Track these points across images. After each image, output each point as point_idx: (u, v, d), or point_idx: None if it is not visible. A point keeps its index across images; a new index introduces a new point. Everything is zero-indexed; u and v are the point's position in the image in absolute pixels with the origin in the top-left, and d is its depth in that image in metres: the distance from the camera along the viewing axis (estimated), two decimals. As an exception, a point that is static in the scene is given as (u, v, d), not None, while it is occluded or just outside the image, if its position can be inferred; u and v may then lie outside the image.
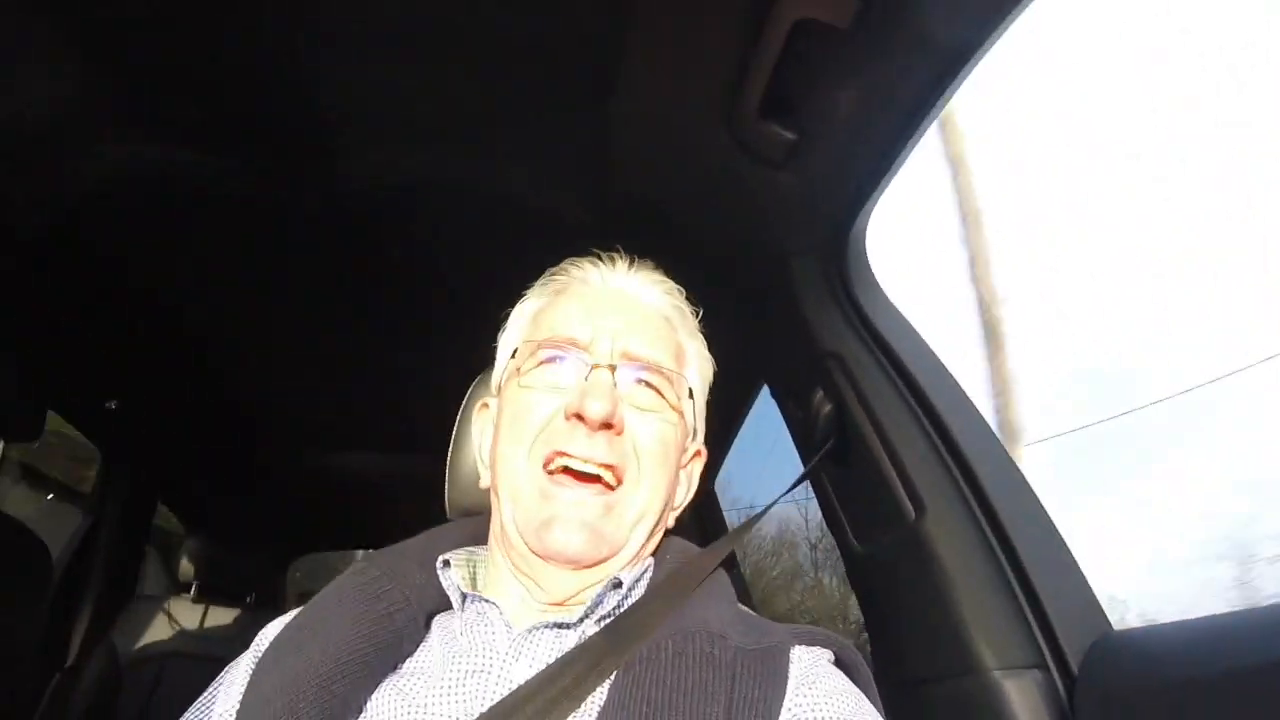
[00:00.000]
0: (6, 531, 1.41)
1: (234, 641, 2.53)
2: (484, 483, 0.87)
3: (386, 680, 0.74)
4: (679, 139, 1.20)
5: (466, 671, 0.72)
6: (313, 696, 0.68)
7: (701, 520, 2.42)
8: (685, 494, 0.91)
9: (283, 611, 2.50)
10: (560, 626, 0.75)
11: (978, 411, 1.18)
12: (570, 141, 1.23)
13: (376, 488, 2.71)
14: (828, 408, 1.28)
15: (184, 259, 1.57)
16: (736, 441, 2.30)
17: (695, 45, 1.04)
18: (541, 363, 0.82)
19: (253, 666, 0.78)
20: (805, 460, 1.42)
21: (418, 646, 0.78)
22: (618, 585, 0.78)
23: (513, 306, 0.95)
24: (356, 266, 1.58)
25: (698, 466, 0.93)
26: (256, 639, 0.84)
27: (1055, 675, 0.98)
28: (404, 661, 0.76)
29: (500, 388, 0.89)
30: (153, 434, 2.41)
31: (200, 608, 2.64)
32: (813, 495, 1.39)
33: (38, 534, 1.52)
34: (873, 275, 1.29)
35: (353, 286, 1.65)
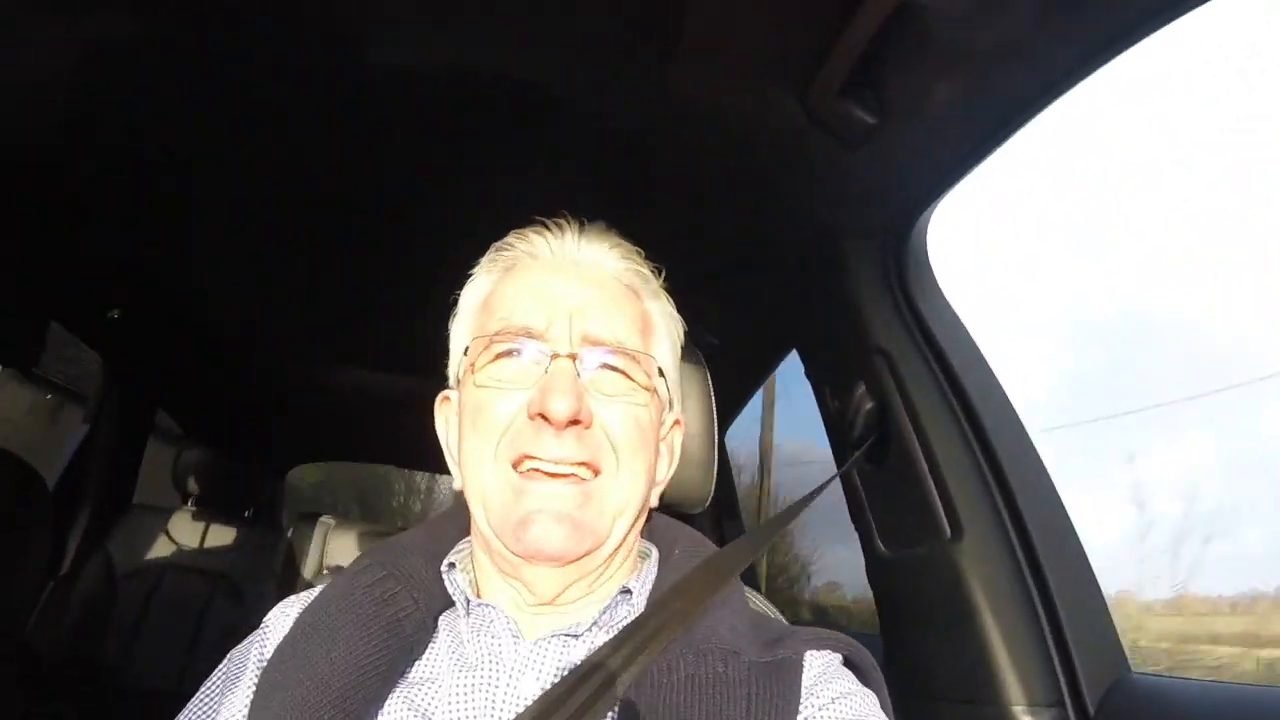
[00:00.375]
0: (4, 465, 1.36)
1: (231, 555, 2.57)
2: (456, 484, 0.82)
3: (396, 689, 0.71)
4: (749, 99, 1.10)
5: (474, 685, 0.70)
6: (329, 715, 0.65)
7: (716, 489, 2.40)
8: (668, 468, 0.86)
9: (281, 528, 2.49)
10: (569, 637, 0.72)
11: (1026, 433, 1.14)
12: (629, 60, 1.10)
13: (374, 403, 2.67)
14: (869, 405, 1.23)
15: (182, 160, 1.48)
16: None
17: (784, 10, 0.94)
18: (497, 356, 0.76)
19: (260, 664, 0.75)
20: (836, 449, 1.38)
21: (425, 649, 0.75)
22: (627, 592, 0.75)
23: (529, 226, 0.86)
24: (368, 173, 1.49)
25: (677, 436, 0.87)
26: (261, 628, 0.80)
27: (1071, 715, 0.97)
28: (412, 667, 0.74)
29: (459, 382, 0.82)
30: (154, 344, 2.36)
31: (198, 520, 2.65)
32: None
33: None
34: (932, 272, 1.23)
35: (364, 195, 1.56)
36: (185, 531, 2.58)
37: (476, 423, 0.74)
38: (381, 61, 1.16)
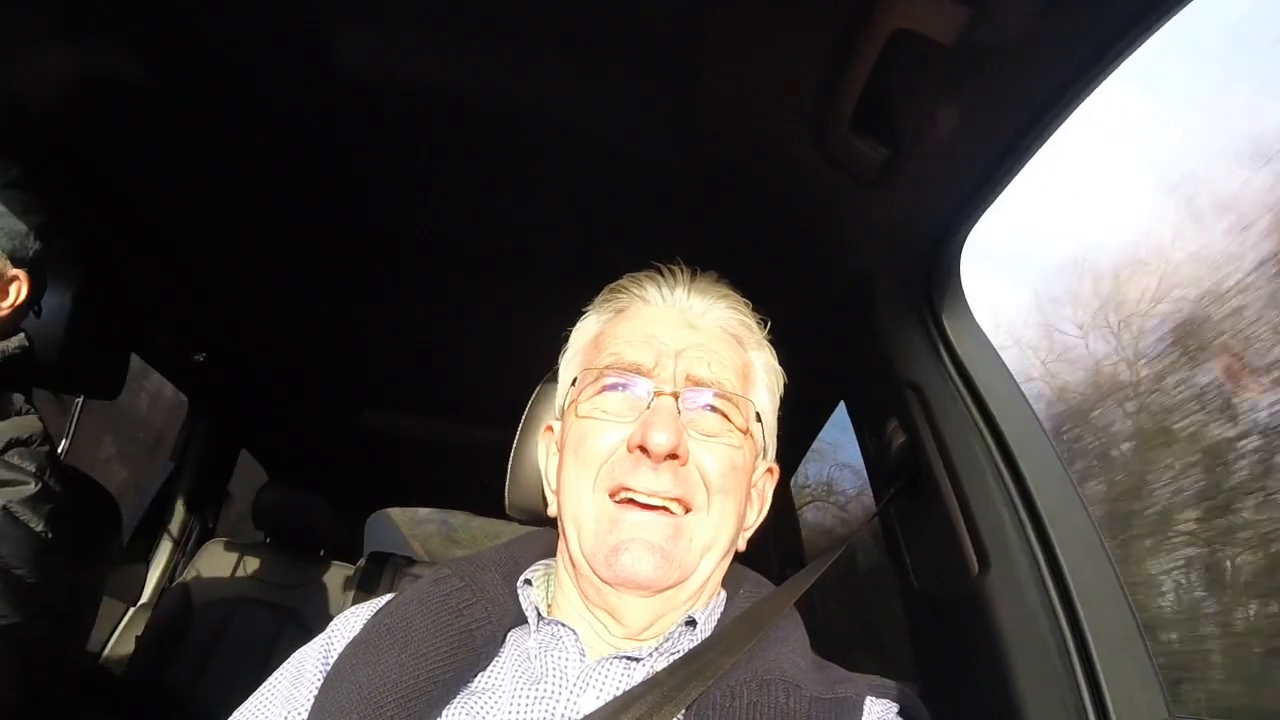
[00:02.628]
0: (79, 488, 1.46)
1: (303, 592, 2.65)
2: (551, 510, 0.86)
3: (459, 697, 0.74)
4: (765, 144, 1.14)
5: (535, 697, 0.72)
6: (393, 712, 0.68)
7: (780, 538, 2.37)
8: (757, 514, 0.88)
9: (356, 568, 2.55)
10: (630, 659, 0.75)
11: (1063, 464, 1.10)
12: (653, 116, 1.16)
13: (454, 451, 2.74)
14: (901, 439, 1.22)
15: (270, 209, 1.58)
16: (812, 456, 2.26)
17: (785, 49, 0.97)
18: (603, 389, 0.80)
19: (324, 662, 0.79)
20: (876, 489, 1.36)
21: (490, 661, 0.78)
22: (691, 623, 0.77)
23: (596, 292, 0.93)
24: (454, 225, 1.56)
25: (770, 485, 0.90)
26: (328, 630, 0.84)
27: None
28: (477, 677, 0.77)
29: (563, 412, 0.87)
30: (238, 386, 2.50)
31: (274, 556, 2.75)
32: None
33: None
34: (965, 302, 1.21)
35: (448, 247, 1.64)
36: (261, 567, 2.69)
37: (579, 451, 0.78)
38: (452, 116, 1.23)
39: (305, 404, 2.57)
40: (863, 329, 1.29)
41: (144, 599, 2.46)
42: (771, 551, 2.33)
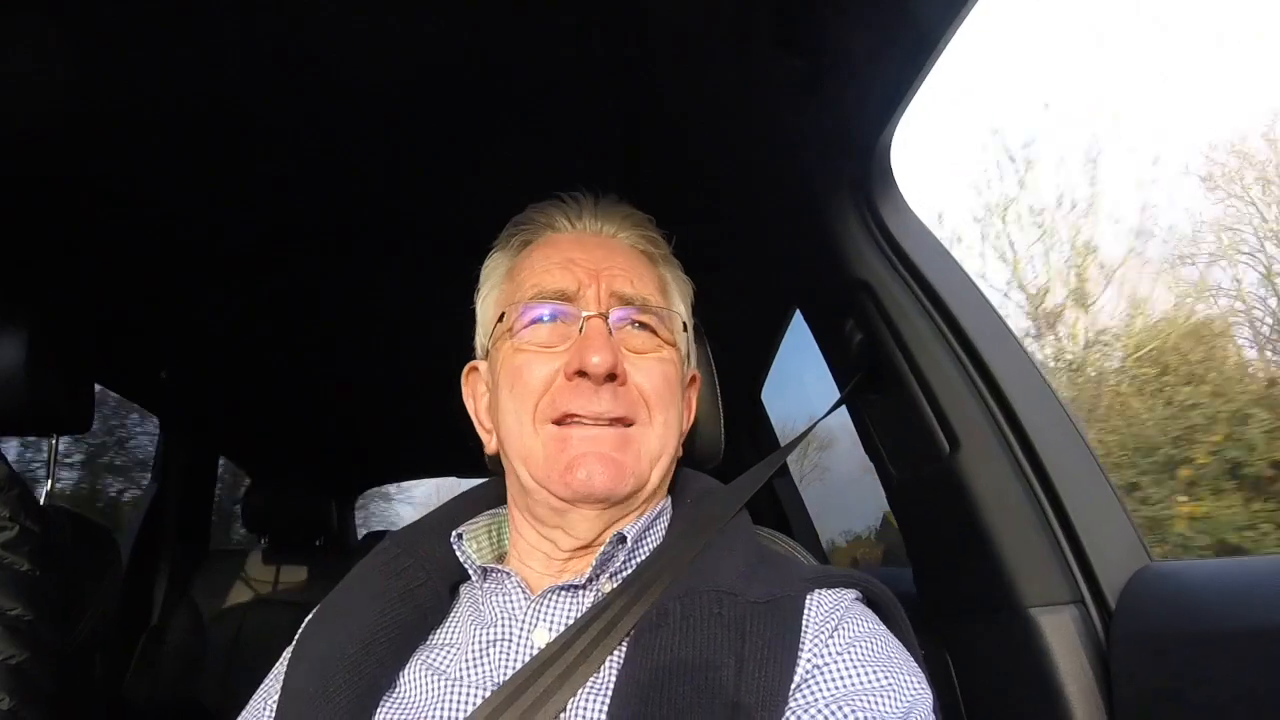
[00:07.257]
0: (66, 523, 1.46)
1: (307, 586, 2.67)
2: (489, 448, 0.87)
3: (416, 654, 0.77)
4: (696, 63, 1.14)
5: (490, 640, 0.74)
6: (343, 680, 0.71)
7: (756, 440, 2.42)
8: (688, 420, 0.90)
9: (352, 552, 2.58)
10: (574, 588, 0.76)
11: (1015, 339, 1.14)
12: (583, 55, 1.14)
13: (427, 419, 2.74)
14: (859, 337, 1.25)
15: (207, 214, 1.54)
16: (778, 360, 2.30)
17: None
18: (530, 321, 0.80)
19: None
20: (840, 386, 1.40)
21: (445, 618, 0.81)
22: (622, 541, 0.77)
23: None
24: (389, 203, 1.54)
25: (694, 393, 0.93)
26: (303, 625, 0.86)
27: (1092, 610, 0.96)
28: (432, 633, 0.79)
29: (488, 350, 0.87)
30: (205, 397, 2.47)
31: (272, 557, 2.76)
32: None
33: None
34: (903, 200, 1.23)
35: (394, 219, 1.61)
36: (262, 569, 2.70)
37: (515, 386, 0.78)
38: (385, 78, 1.19)
39: (273, 399, 2.54)
40: (810, 235, 1.30)
41: (153, 622, 2.47)
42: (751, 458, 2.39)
